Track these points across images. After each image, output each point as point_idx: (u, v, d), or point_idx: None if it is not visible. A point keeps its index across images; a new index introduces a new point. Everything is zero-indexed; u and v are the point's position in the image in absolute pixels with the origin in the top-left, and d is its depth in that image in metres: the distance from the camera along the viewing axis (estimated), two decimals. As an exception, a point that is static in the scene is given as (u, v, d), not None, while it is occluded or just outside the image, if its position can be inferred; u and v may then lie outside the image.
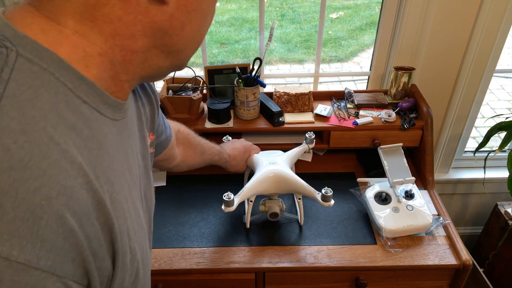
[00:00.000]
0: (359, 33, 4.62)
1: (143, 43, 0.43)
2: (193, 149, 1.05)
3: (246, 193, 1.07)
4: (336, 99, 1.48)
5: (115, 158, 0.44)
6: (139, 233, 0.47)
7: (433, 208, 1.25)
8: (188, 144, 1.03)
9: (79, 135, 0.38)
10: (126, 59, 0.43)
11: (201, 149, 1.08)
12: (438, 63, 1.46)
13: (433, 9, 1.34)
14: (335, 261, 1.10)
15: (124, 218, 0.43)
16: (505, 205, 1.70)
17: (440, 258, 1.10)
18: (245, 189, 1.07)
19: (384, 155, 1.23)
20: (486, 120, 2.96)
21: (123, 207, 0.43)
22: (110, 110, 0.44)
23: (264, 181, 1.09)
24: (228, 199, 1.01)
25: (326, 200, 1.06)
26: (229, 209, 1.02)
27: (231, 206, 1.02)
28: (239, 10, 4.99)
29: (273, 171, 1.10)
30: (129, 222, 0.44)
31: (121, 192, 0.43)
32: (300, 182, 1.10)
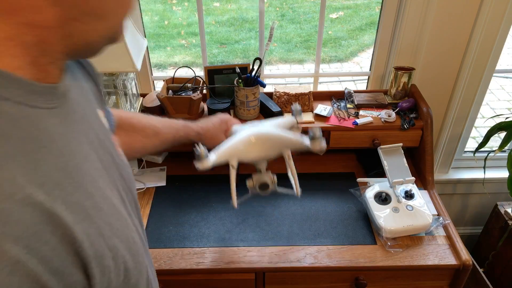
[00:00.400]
0: (359, 33, 4.63)
1: (54, 16, 0.36)
2: (140, 133, 0.93)
3: (225, 152, 0.95)
4: (336, 99, 1.48)
5: (64, 152, 0.38)
6: (117, 224, 0.42)
7: (433, 208, 1.25)
8: (132, 129, 0.91)
9: (7, 141, 0.33)
10: (41, 39, 0.36)
11: (153, 131, 0.96)
12: (438, 63, 1.46)
13: (433, 9, 1.34)
14: (335, 261, 1.10)
15: (89, 218, 0.38)
16: (505, 205, 1.70)
17: (440, 258, 1.10)
18: (222, 146, 0.96)
19: (384, 155, 1.23)
20: (486, 120, 2.97)
21: (86, 206, 0.38)
22: (41, 100, 0.37)
23: (245, 141, 0.96)
24: (200, 152, 0.90)
25: (315, 141, 0.92)
26: (202, 164, 0.90)
27: (203, 160, 0.90)
28: (239, 10, 4.99)
29: (254, 131, 0.98)
30: (99, 220, 0.39)
31: (79, 190, 0.38)
32: (284, 134, 0.98)
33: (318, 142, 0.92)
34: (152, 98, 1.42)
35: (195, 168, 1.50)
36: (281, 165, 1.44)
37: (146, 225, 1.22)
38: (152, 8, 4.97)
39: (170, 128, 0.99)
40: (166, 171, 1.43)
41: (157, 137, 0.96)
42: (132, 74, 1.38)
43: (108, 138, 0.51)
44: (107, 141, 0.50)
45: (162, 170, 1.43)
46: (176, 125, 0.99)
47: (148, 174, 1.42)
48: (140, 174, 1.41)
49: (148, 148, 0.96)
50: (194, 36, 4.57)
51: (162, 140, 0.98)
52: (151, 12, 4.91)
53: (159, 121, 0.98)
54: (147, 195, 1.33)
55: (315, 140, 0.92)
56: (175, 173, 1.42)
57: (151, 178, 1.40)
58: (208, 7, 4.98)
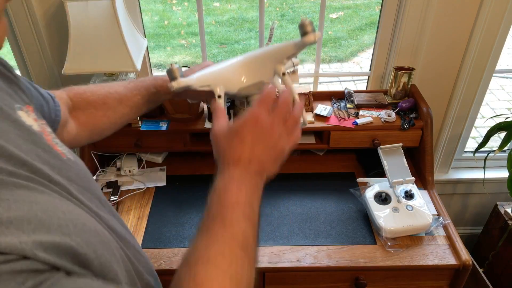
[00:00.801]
0: (359, 33, 4.63)
1: None
2: (99, 107, 0.80)
3: (208, 76, 0.79)
4: (336, 99, 1.48)
5: None
6: (65, 220, 0.39)
7: (433, 208, 1.25)
8: (88, 105, 0.79)
9: None
10: None
11: (115, 99, 0.82)
12: (438, 63, 1.46)
13: (433, 9, 1.34)
14: (335, 261, 1.10)
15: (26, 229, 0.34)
16: (505, 205, 1.70)
17: (440, 258, 1.10)
18: (205, 70, 0.80)
19: (384, 155, 1.23)
20: (486, 120, 2.97)
21: (21, 216, 0.35)
22: None
23: (231, 65, 0.81)
24: (171, 67, 0.74)
25: (308, 34, 0.73)
26: (177, 83, 0.74)
27: (177, 78, 0.74)
28: (239, 10, 4.99)
29: (239, 57, 0.83)
30: (41, 225, 0.36)
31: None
32: (273, 46, 0.81)
33: (312, 33, 0.74)
34: (152, 98, 1.42)
35: (195, 168, 1.50)
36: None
37: (146, 225, 1.22)
38: (152, 8, 4.97)
39: (136, 89, 0.84)
40: (166, 171, 1.43)
41: (123, 105, 0.83)
42: (132, 74, 1.38)
43: (33, 134, 0.47)
44: (32, 135, 0.46)
45: (162, 170, 1.43)
46: (143, 83, 0.85)
47: (148, 174, 1.42)
48: (140, 174, 1.41)
49: (118, 120, 0.84)
50: (194, 36, 4.57)
51: (131, 106, 0.83)
52: (151, 12, 4.91)
53: (120, 86, 0.84)
54: (147, 195, 1.33)
55: (307, 33, 0.73)
56: (175, 173, 1.42)
57: (151, 178, 1.40)
58: (208, 7, 4.98)
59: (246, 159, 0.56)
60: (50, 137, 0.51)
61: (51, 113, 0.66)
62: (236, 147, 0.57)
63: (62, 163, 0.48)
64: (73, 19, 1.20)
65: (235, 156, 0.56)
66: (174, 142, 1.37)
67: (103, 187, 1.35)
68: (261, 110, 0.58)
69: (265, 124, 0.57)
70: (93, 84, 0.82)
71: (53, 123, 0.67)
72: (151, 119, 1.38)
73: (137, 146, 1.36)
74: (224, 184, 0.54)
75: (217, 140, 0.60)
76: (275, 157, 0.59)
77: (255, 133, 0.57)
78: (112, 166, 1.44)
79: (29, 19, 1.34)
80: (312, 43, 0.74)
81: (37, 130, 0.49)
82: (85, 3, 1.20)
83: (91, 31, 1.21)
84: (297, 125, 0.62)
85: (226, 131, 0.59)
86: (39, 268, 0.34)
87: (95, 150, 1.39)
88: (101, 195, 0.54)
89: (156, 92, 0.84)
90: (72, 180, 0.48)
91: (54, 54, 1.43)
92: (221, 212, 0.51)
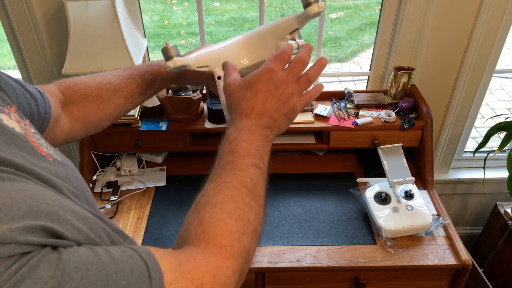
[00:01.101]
0: (358, 33, 4.63)
1: None
2: (93, 100, 0.76)
3: (207, 55, 0.74)
4: (336, 99, 1.48)
5: None
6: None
7: (433, 208, 1.25)
8: (80, 98, 0.75)
9: None
10: None
11: (109, 90, 0.78)
12: (438, 63, 1.46)
13: (433, 9, 1.34)
14: (335, 261, 1.10)
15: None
16: (505, 205, 1.70)
17: (439, 258, 1.10)
18: (203, 49, 0.76)
19: (384, 155, 1.23)
20: (486, 120, 2.97)
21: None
22: None
23: (231, 44, 0.76)
24: (166, 45, 0.69)
25: (312, 5, 0.67)
26: (172, 62, 0.68)
27: (172, 57, 0.69)
28: (239, 10, 4.99)
29: (241, 35, 0.78)
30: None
31: None
32: (274, 22, 0.76)
33: (315, 4, 0.68)
34: (152, 98, 1.42)
35: (195, 168, 1.50)
36: (281, 165, 1.44)
37: (146, 225, 1.22)
38: (152, 8, 4.97)
39: (131, 77, 0.79)
40: (166, 171, 1.43)
41: (117, 95, 0.78)
42: (132, 74, 1.38)
43: (21, 145, 0.46)
44: (14, 138, 0.45)
45: (162, 170, 1.43)
46: (137, 71, 0.80)
47: (147, 174, 1.42)
48: (140, 174, 1.41)
49: (113, 112, 0.79)
50: (194, 36, 4.57)
51: (126, 96, 0.79)
52: (151, 12, 4.91)
53: (114, 75, 0.80)
54: (146, 195, 1.33)
55: (310, 3, 0.68)
56: (175, 173, 1.42)
57: (151, 178, 1.40)
58: (208, 7, 4.98)
59: (258, 112, 0.58)
60: (34, 138, 0.50)
61: (40, 111, 0.64)
62: (250, 99, 0.58)
63: (48, 165, 0.47)
64: (73, 19, 1.20)
65: (248, 108, 0.58)
66: (174, 142, 1.37)
67: (103, 187, 1.35)
68: (276, 65, 0.59)
69: (279, 79, 0.58)
70: (85, 76, 0.78)
71: (43, 120, 0.65)
72: (151, 119, 1.38)
73: (137, 146, 1.36)
74: (236, 134, 0.56)
75: (231, 91, 0.61)
76: (286, 113, 0.60)
77: (269, 87, 0.58)
78: (112, 166, 1.44)
79: (29, 19, 1.34)
80: (315, 15, 0.69)
81: (20, 132, 0.47)
82: (85, 3, 1.20)
83: (91, 31, 1.21)
84: (309, 84, 0.63)
85: (240, 83, 0.60)
86: (28, 250, 0.34)
87: (95, 150, 1.39)
88: (88, 196, 0.53)
89: (152, 80, 0.80)
90: (61, 179, 0.47)
91: (54, 54, 1.43)
92: (232, 160, 0.53)
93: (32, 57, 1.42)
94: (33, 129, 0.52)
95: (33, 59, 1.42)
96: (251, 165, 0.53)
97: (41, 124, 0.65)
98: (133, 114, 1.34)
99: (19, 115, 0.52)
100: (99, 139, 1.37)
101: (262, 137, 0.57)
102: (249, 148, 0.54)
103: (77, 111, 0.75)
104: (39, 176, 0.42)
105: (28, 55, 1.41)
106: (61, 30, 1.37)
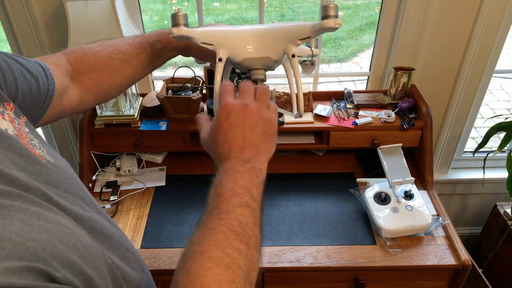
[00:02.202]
0: (358, 34, 4.63)
1: None
2: (103, 69, 0.75)
3: (213, 34, 0.71)
4: (335, 99, 1.48)
5: None
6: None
7: (433, 208, 1.25)
8: (90, 68, 0.75)
9: None
10: None
11: (120, 59, 0.77)
12: (438, 63, 1.46)
13: (433, 10, 1.34)
14: (335, 261, 1.10)
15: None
16: (504, 206, 1.70)
17: (439, 258, 1.10)
18: (211, 27, 0.74)
19: (383, 155, 1.23)
20: (486, 121, 2.97)
21: None
22: None
23: (240, 32, 0.74)
24: (177, 12, 0.67)
25: (326, 14, 0.66)
26: (178, 30, 0.67)
27: (179, 25, 0.67)
28: (238, 10, 4.99)
29: (253, 25, 0.77)
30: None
31: None
32: (289, 23, 0.75)
33: (332, 19, 0.66)
34: (151, 98, 1.42)
35: (194, 168, 1.50)
36: (281, 165, 1.44)
37: (146, 225, 1.22)
38: (151, 7, 4.97)
39: (141, 46, 0.79)
40: (165, 171, 1.43)
41: (129, 64, 0.78)
42: (131, 74, 1.38)
43: (13, 147, 0.44)
44: (11, 150, 0.44)
45: (161, 170, 1.43)
46: (148, 39, 0.79)
47: (147, 174, 1.42)
48: (139, 174, 1.41)
49: (124, 81, 0.79)
50: (193, 36, 4.57)
51: (136, 65, 0.79)
52: (150, 12, 4.91)
53: (124, 43, 0.79)
54: (146, 195, 1.33)
55: (328, 17, 0.66)
56: (175, 173, 1.42)
57: (151, 178, 1.40)
58: (208, 7, 4.98)
59: (236, 149, 0.55)
60: (27, 139, 0.49)
61: (41, 89, 0.63)
62: (224, 142, 0.56)
63: (41, 167, 0.46)
64: (73, 19, 1.20)
65: (225, 151, 0.56)
66: (173, 142, 1.37)
67: (102, 187, 1.35)
68: (227, 98, 0.57)
69: (237, 108, 0.56)
70: (94, 44, 0.76)
71: (45, 98, 0.64)
72: (150, 119, 1.38)
73: (137, 146, 1.36)
74: (220, 178, 0.54)
75: (206, 145, 0.60)
76: (265, 130, 0.57)
77: (233, 121, 0.56)
78: (111, 166, 1.44)
79: (29, 19, 1.34)
80: (330, 30, 0.67)
81: (12, 133, 0.47)
82: (84, 2, 1.20)
83: (91, 31, 1.21)
84: (267, 93, 0.61)
85: (210, 133, 0.59)
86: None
87: (95, 150, 1.39)
88: (85, 195, 0.52)
89: (161, 49, 0.79)
90: (52, 184, 0.46)
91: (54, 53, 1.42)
92: (217, 205, 0.51)
93: (31, 56, 1.41)
94: (27, 129, 0.51)
95: (32, 59, 1.42)
96: (238, 205, 0.50)
97: (43, 103, 0.64)
98: (133, 114, 1.34)
99: (15, 113, 0.51)
100: (99, 139, 1.37)
101: (248, 171, 0.54)
102: (234, 189, 0.52)
103: (87, 82, 0.75)
104: (28, 187, 0.41)
105: (27, 55, 1.41)
106: (61, 30, 1.37)
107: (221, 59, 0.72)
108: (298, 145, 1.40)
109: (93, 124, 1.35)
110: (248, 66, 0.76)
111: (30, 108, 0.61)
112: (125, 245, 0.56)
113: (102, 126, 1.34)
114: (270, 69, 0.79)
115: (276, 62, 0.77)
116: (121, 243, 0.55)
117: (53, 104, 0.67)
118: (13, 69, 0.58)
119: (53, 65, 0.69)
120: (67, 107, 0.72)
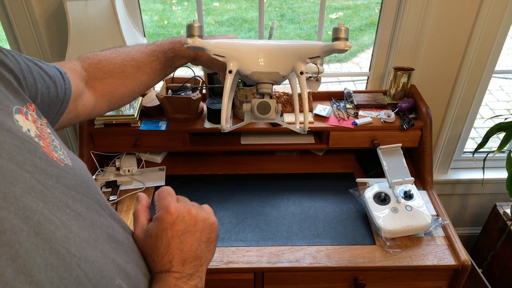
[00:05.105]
0: (358, 34, 4.63)
1: None
2: (117, 76, 0.78)
3: (225, 46, 0.75)
4: (335, 99, 1.48)
5: None
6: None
7: (432, 209, 1.25)
8: (104, 75, 0.77)
9: None
10: None
11: (133, 66, 0.79)
12: (438, 63, 1.46)
13: (433, 10, 1.34)
14: (334, 261, 1.10)
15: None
16: (504, 206, 1.70)
17: (439, 259, 1.10)
18: (224, 39, 0.78)
19: (383, 156, 1.23)
20: (485, 121, 2.97)
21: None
22: None
23: (251, 46, 0.77)
24: (192, 23, 0.73)
25: (337, 36, 0.69)
26: (192, 41, 0.73)
27: (194, 36, 0.72)
28: (238, 10, 4.99)
29: (264, 40, 0.80)
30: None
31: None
32: (300, 41, 0.78)
33: (343, 41, 0.69)
34: (151, 98, 1.42)
35: (194, 167, 1.50)
36: (280, 165, 1.44)
37: (145, 224, 1.22)
38: (151, 7, 4.97)
39: (154, 54, 0.82)
40: (165, 170, 1.43)
41: (141, 72, 0.80)
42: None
43: (33, 150, 0.44)
44: (32, 153, 0.43)
45: (161, 170, 1.43)
46: (160, 47, 0.82)
47: (147, 173, 1.42)
48: (139, 173, 1.41)
49: (136, 88, 0.81)
50: (193, 36, 4.57)
51: (149, 72, 0.82)
52: (150, 12, 4.91)
53: (137, 51, 0.81)
54: (146, 194, 1.33)
55: (339, 39, 0.69)
56: (174, 172, 1.42)
57: (150, 178, 1.40)
58: (207, 7, 4.98)
59: (178, 263, 0.51)
60: (49, 140, 0.49)
61: (58, 93, 0.64)
62: (164, 253, 0.51)
63: (59, 171, 0.45)
64: (73, 18, 1.20)
65: (165, 264, 0.51)
66: (173, 142, 1.37)
67: (102, 186, 1.35)
68: (171, 202, 0.54)
69: (182, 214, 0.53)
70: (108, 51, 0.79)
71: (62, 102, 0.65)
72: (150, 118, 1.38)
73: (137, 145, 1.36)
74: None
75: (141, 246, 0.54)
76: (208, 237, 0.55)
77: (177, 229, 0.52)
78: (111, 165, 1.44)
79: (28, 18, 1.34)
80: (340, 51, 0.71)
81: (35, 134, 0.46)
82: (84, 2, 1.20)
83: (91, 31, 1.21)
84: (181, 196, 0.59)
85: (148, 236, 0.53)
86: None
87: (94, 150, 1.39)
88: (100, 199, 0.52)
89: (173, 57, 0.82)
90: (71, 188, 0.46)
91: (53, 53, 1.42)
92: None
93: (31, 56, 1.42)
94: (49, 129, 0.51)
95: (32, 59, 1.42)
96: None
97: (60, 106, 0.65)
98: (133, 114, 1.34)
99: (37, 114, 0.51)
100: (99, 139, 1.37)
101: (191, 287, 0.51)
102: None
103: (101, 87, 0.76)
104: (45, 194, 0.41)
105: (27, 54, 1.41)
106: (61, 30, 1.37)
107: (231, 71, 0.75)
108: (298, 145, 1.40)
109: (92, 124, 1.35)
110: (257, 80, 0.78)
111: (47, 111, 0.62)
112: (135, 250, 0.55)
113: (101, 126, 1.34)
114: (277, 84, 0.82)
115: (283, 78, 0.79)
116: (132, 248, 0.54)
117: (69, 108, 0.68)
118: (33, 71, 0.59)
119: (69, 70, 0.70)
120: (81, 112, 0.73)
